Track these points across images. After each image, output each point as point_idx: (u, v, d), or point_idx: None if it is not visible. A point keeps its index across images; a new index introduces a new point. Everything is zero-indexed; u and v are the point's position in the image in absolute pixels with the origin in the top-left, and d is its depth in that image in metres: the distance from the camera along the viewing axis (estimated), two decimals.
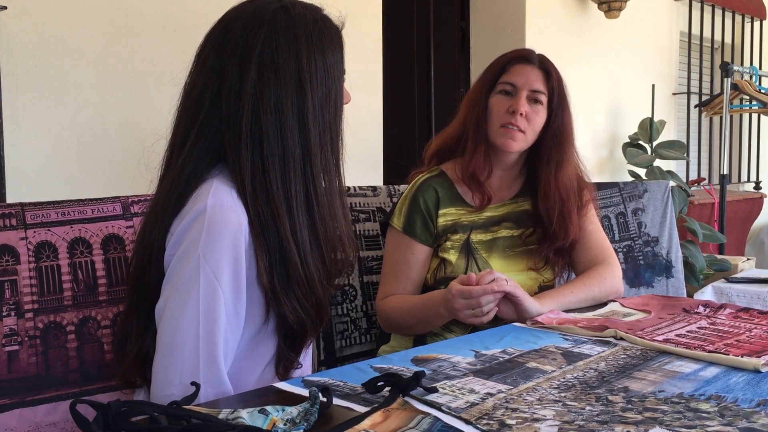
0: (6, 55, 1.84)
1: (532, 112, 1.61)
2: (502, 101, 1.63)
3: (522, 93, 1.62)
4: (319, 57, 1.09)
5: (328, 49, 1.11)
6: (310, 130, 1.08)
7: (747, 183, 5.42)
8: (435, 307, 1.51)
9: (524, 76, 1.63)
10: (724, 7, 5.01)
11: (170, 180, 1.08)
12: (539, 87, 1.63)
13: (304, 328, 1.10)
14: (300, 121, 1.07)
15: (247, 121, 1.05)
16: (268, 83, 1.06)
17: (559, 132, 1.64)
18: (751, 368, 1.07)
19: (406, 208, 1.66)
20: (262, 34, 1.07)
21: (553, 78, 1.64)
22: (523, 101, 1.61)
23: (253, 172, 1.05)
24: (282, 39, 1.07)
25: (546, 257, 1.65)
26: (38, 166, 1.91)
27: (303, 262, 1.07)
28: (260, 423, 0.80)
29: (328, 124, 1.11)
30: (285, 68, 1.06)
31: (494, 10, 3.64)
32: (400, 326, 1.64)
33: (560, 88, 1.65)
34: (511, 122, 1.60)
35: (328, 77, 1.10)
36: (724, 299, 2.68)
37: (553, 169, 1.64)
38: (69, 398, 1.23)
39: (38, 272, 1.26)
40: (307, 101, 1.07)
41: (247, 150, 1.05)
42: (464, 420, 0.86)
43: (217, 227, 1.01)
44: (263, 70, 1.06)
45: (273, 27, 1.07)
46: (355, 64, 2.70)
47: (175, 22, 2.14)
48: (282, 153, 1.06)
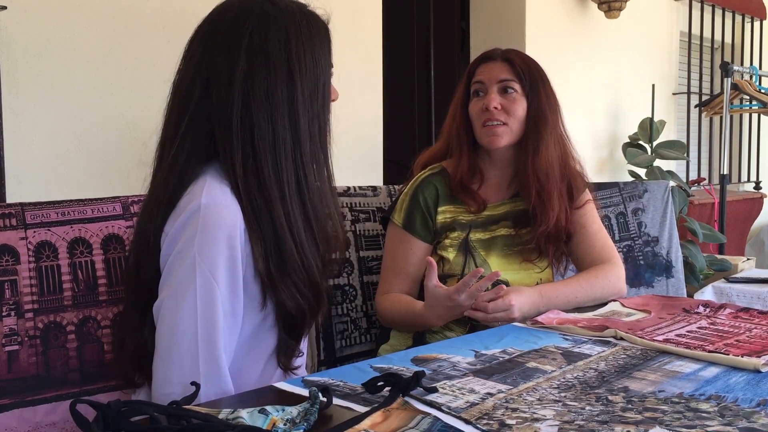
0: (6, 55, 1.83)
1: (507, 102, 1.63)
2: (476, 103, 1.67)
3: (491, 87, 1.64)
4: (307, 46, 1.10)
5: (316, 39, 1.12)
6: (299, 118, 1.09)
7: (747, 183, 5.42)
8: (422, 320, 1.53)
9: (489, 72, 1.66)
10: (724, 7, 5.01)
11: (163, 174, 1.09)
12: (505, 76, 1.64)
13: (303, 314, 1.11)
14: (290, 110, 1.08)
15: (238, 109, 1.06)
16: (258, 72, 1.07)
17: (536, 116, 1.65)
18: (751, 368, 1.07)
19: (407, 204, 1.67)
20: (250, 24, 1.08)
21: (516, 64, 1.65)
22: (494, 95, 1.63)
23: (245, 160, 1.06)
24: (271, 28, 1.08)
25: (538, 246, 1.65)
26: (38, 166, 1.91)
27: (298, 248, 1.08)
28: (260, 423, 0.80)
29: (317, 113, 1.12)
30: (274, 57, 1.07)
31: (494, 10, 3.64)
32: (396, 327, 1.67)
33: (530, 72, 1.66)
34: (489, 119, 1.62)
35: (316, 67, 1.11)
36: (724, 299, 2.68)
37: (530, 153, 1.64)
38: (69, 398, 1.23)
39: (38, 272, 1.26)
40: (296, 90, 1.08)
41: (238, 139, 1.06)
42: (464, 420, 0.86)
43: (212, 226, 1.01)
44: (253, 59, 1.07)
45: (261, 17, 1.08)
46: (355, 64, 2.73)
47: (175, 22, 2.14)
48: (273, 140, 1.07)
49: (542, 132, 1.64)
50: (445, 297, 1.43)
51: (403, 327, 1.64)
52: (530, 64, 1.68)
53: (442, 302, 1.44)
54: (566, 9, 3.78)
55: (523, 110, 1.64)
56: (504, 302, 1.43)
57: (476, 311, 1.43)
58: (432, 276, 1.43)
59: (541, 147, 1.63)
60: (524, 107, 1.64)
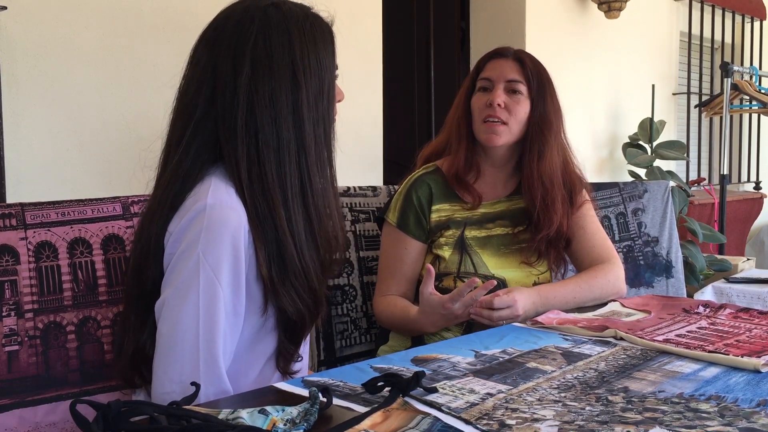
0: (6, 55, 1.83)
1: (511, 102, 1.63)
2: (480, 98, 1.66)
3: (498, 85, 1.64)
4: (311, 50, 1.10)
5: (320, 42, 1.12)
6: (304, 122, 1.09)
7: (747, 183, 5.42)
8: (416, 326, 1.54)
9: (498, 69, 1.66)
10: (724, 7, 5.01)
11: (168, 178, 1.09)
12: (514, 76, 1.64)
13: (303, 320, 1.11)
14: (294, 114, 1.08)
15: (242, 114, 1.06)
16: (263, 76, 1.07)
17: (540, 120, 1.64)
18: (751, 368, 1.07)
19: (400, 204, 1.68)
20: (254, 28, 1.08)
21: (527, 66, 1.65)
22: (500, 92, 1.62)
23: (249, 165, 1.06)
24: (275, 32, 1.08)
25: (538, 250, 1.65)
26: (38, 166, 1.91)
27: (299, 254, 1.08)
28: (260, 423, 0.80)
29: (322, 116, 1.12)
30: (279, 61, 1.07)
31: (494, 10, 3.64)
32: (392, 330, 1.67)
33: (539, 75, 1.66)
34: (491, 115, 1.62)
35: (321, 69, 1.11)
36: (724, 299, 2.68)
37: (535, 157, 1.64)
38: (69, 398, 1.23)
39: (38, 272, 1.26)
40: (301, 94, 1.08)
41: (243, 143, 1.06)
42: (464, 420, 0.86)
43: (216, 226, 1.01)
44: (257, 63, 1.07)
45: (265, 21, 1.09)
46: (355, 64, 2.73)
47: (175, 22, 2.14)
48: (277, 145, 1.07)
49: (547, 137, 1.64)
50: (439, 305, 1.43)
51: (398, 331, 1.65)
52: (539, 68, 1.68)
53: (436, 309, 1.45)
54: (566, 9, 3.78)
55: (526, 113, 1.64)
56: (509, 297, 1.43)
57: (481, 311, 1.43)
58: (428, 283, 1.43)
59: (546, 152, 1.64)
60: (527, 110, 1.64)
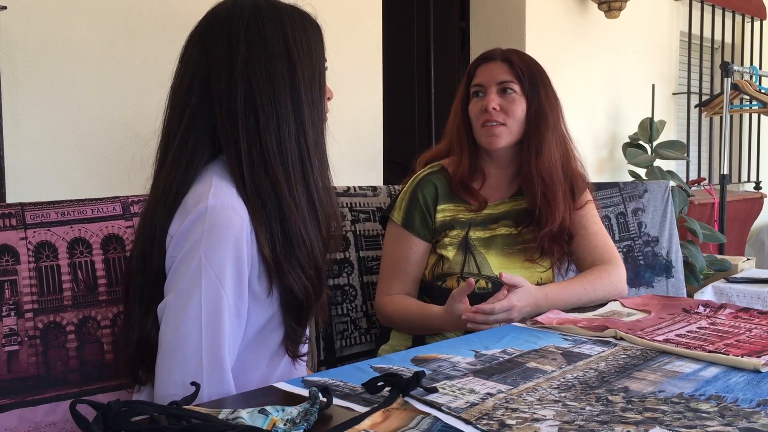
0: (6, 55, 1.84)
1: (506, 103, 1.63)
2: (476, 104, 1.67)
3: (490, 89, 1.65)
4: (302, 35, 1.12)
5: (309, 30, 1.14)
6: (302, 102, 1.11)
7: (747, 183, 5.42)
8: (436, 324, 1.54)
9: (488, 73, 1.67)
10: (724, 7, 5.01)
11: (167, 171, 1.09)
12: (505, 77, 1.65)
13: (309, 296, 1.12)
14: (292, 92, 1.10)
15: (242, 96, 1.07)
16: (259, 57, 1.08)
17: (536, 116, 1.65)
18: (751, 368, 1.07)
19: (406, 203, 1.68)
20: (246, 15, 1.10)
21: (516, 65, 1.65)
22: (492, 96, 1.64)
23: (250, 144, 1.07)
24: (266, 17, 1.10)
25: (541, 247, 1.65)
26: (38, 166, 1.91)
27: (303, 228, 1.09)
28: (260, 423, 0.80)
29: (315, 100, 1.13)
30: (273, 43, 1.09)
31: (494, 10, 3.64)
32: (401, 329, 1.67)
33: (529, 72, 1.66)
34: (488, 119, 1.63)
35: (312, 56, 1.13)
36: (724, 299, 2.68)
37: (533, 153, 1.64)
38: (69, 398, 1.23)
39: (38, 272, 1.26)
40: (297, 72, 1.10)
41: (243, 125, 1.07)
42: (464, 420, 0.86)
43: (218, 228, 1.01)
44: (252, 46, 1.08)
45: (255, 9, 1.11)
46: (355, 64, 2.73)
47: (175, 22, 2.14)
48: (277, 124, 1.08)
49: (543, 132, 1.64)
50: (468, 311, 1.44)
51: (410, 329, 1.64)
52: (530, 64, 1.68)
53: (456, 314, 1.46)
54: (566, 9, 3.78)
55: (523, 110, 1.64)
56: (508, 302, 1.44)
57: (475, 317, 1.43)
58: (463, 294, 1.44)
59: (544, 147, 1.64)
60: (523, 107, 1.64)
